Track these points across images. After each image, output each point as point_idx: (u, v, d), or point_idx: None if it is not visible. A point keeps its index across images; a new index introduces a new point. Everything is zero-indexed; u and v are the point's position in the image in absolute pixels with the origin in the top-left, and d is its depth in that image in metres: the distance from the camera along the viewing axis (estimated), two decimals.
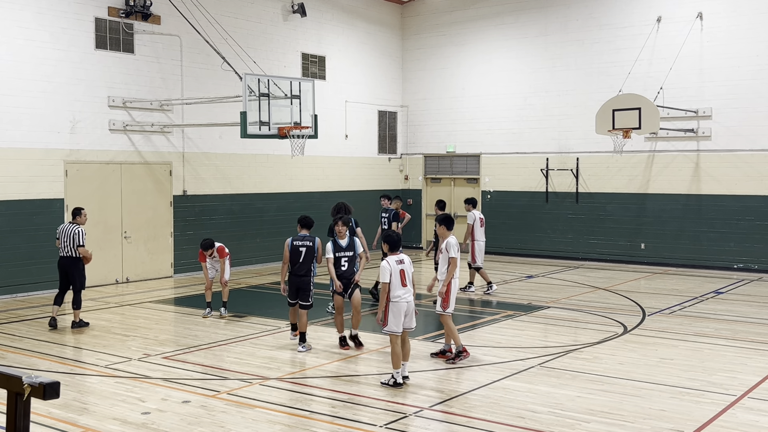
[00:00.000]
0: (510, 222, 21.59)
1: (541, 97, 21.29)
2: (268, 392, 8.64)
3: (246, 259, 18.96)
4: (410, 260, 9.15)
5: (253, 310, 13.50)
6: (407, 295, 8.93)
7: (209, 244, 12.89)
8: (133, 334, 11.73)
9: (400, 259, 8.97)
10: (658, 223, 19.57)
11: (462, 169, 22.98)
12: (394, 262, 8.90)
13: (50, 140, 15.32)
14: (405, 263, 8.99)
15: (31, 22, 14.97)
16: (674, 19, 19.08)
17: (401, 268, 8.91)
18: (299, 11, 20.13)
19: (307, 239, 10.82)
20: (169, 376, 9.33)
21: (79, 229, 12.14)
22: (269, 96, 14.73)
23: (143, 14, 16.58)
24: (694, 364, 9.88)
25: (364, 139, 22.71)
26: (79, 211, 12.37)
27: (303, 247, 10.72)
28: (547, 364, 9.86)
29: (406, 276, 8.92)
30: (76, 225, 12.19)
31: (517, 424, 7.52)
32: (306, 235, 10.89)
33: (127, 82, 16.58)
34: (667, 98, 18.57)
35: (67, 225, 12.27)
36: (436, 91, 23.26)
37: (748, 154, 18.30)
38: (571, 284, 16.67)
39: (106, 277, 16.37)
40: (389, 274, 8.79)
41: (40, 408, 7.64)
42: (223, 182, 18.75)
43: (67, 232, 12.12)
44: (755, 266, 18.20)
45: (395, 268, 8.86)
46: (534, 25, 21.40)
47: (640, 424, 7.50)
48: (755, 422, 7.62)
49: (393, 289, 8.82)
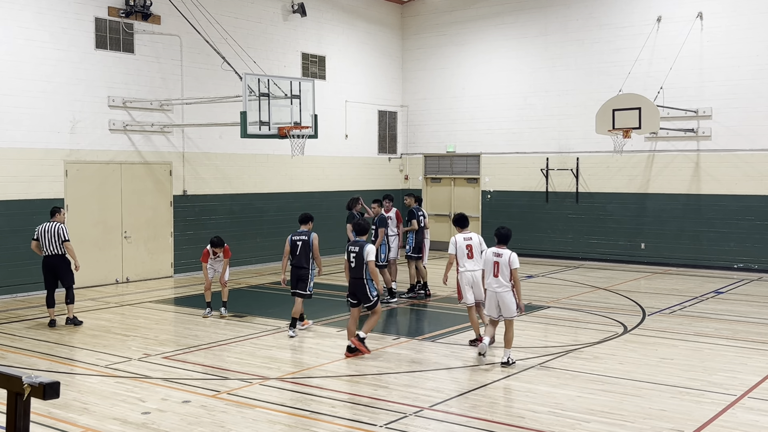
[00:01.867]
0: (510, 222, 21.49)
1: (541, 97, 21.29)
2: (268, 392, 8.64)
3: (246, 259, 18.96)
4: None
5: (253, 310, 13.50)
6: None
7: (221, 241, 12.92)
8: (133, 334, 11.73)
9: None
10: (658, 223, 19.58)
11: (462, 169, 22.98)
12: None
13: (50, 140, 15.32)
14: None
15: (31, 22, 14.97)
16: (674, 19, 19.08)
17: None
18: (299, 11, 20.13)
19: (303, 234, 11.68)
20: (169, 376, 9.33)
21: (62, 225, 12.29)
22: (269, 96, 14.73)
23: (143, 14, 16.58)
24: (694, 364, 9.88)
25: (364, 139, 22.71)
26: (57, 209, 12.57)
27: (299, 241, 11.61)
28: (547, 364, 9.85)
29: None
30: (57, 223, 12.30)
31: (517, 424, 7.52)
32: (303, 231, 11.76)
33: (127, 82, 16.58)
34: (667, 98, 18.57)
35: (47, 224, 12.31)
36: (436, 91, 23.26)
37: (748, 154, 18.30)
38: (571, 284, 16.67)
39: (106, 277, 16.37)
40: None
41: (40, 408, 7.64)
42: (223, 182, 18.75)
43: (50, 230, 12.20)
44: (755, 266, 18.20)
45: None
46: (534, 25, 21.40)
47: (640, 424, 7.50)
48: (755, 422, 7.62)
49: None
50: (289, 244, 11.62)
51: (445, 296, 15.20)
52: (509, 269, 9.62)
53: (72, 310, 12.32)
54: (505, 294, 9.67)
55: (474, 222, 22.55)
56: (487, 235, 15.99)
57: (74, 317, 12.35)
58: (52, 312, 12.31)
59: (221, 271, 12.99)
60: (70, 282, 12.35)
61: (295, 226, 12.08)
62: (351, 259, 10.40)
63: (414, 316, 13.95)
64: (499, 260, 9.66)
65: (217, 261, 13.05)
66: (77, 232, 15.67)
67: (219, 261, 13.04)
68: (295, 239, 11.63)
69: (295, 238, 11.63)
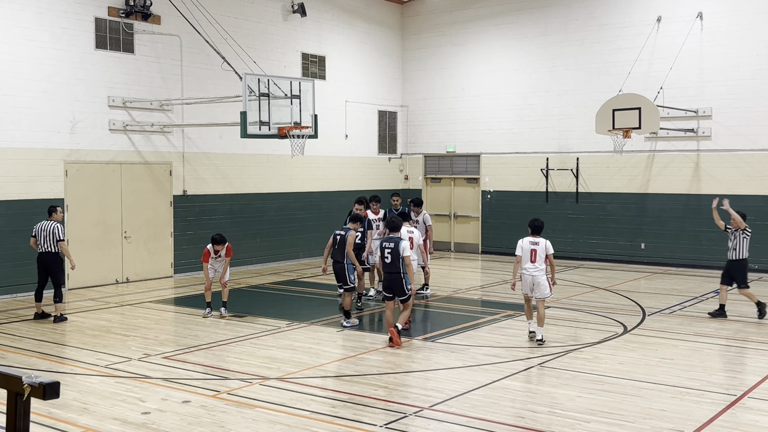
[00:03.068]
0: (510, 222, 21.57)
1: (541, 97, 21.29)
2: (268, 392, 8.64)
3: (246, 259, 18.95)
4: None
5: (253, 310, 13.50)
6: None
7: (222, 239, 12.94)
8: (133, 334, 11.73)
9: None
10: (658, 223, 19.57)
11: (462, 169, 22.98)
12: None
13: (50, 140, 15.32)
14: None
15: (31, 22, 14.97)
16: (674, 19, 19.08)
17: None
18: (299, 11, 20.13)
19: (344, 229, 12.43)
20: (169, 376, 9.33)
21: (57, 225, 12.63)
22: (269, 96, 14.73)
23: (143, 14, 16.58)
24: (694, 364, 9.89)
25: (364, 139, 22.71)
26: (54, 208, 12.87)
27: (338, 235, 12.37)
28: (547, 364, 9.86)
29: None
30: (54, 222, 12.64)
31: (517, 424, 7.52)
32: (347, 227, 12.53)
33: (127, 82, 16.58)
34: (667, 98, 18.57)
35: (44, 223, 12.66)
36: (436, 91, 23.26)
37: (748, 154, 18.30)
38: (571, 284, 16.67)
39: (106, 277, 16.37)
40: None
41: (40, 408, 7.64)
42: (223, 182, 18.75)
43: (46, 229, 12.56)
44: (755, 266, 18.18)
45: None
46: (534, 25, 21.39)
47: (640, 424, 7.50)
48: (755, 422, 7.62)
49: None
50: (332, 238, 12.50)
51: (445, 296, 15.21)
52: (545, 254, 11.03)
53: (59, 308, 12.57)
54: (540, 277, 11.00)
55: (474, 222, 22.59)
56: (489, 235, 16.11)
57: (61, 314, 12.63)
58: (38, 306, 12.72)
59: (223, 271, 12.99)
60: (59, 280, 12.69)
61: (295, 226, 12.18)
62: (386, 255, 10.99)
63: (414, 316, 13.94)
64: (536, 248, 11.02)
65: (218, 261, 13.03)
66: (77, 232, 15.69)
67: (220, 261, 13.03)
68: (336, 233, 12.44)
69: (337, 232, 12.43)
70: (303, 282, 16.95)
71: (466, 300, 14.77)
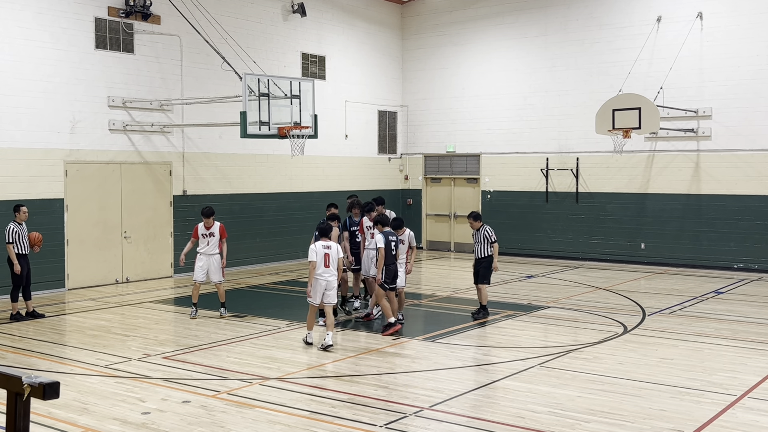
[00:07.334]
0: (510, 222, 21.58)
1: (541, 97, 21.29)
2: (268, 392, 8.64)
3: (246, 259, 18.95)
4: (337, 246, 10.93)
5: (253, 310, 13.50)
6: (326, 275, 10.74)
7: (211, 211, 12.85)
8: (133, 334, 11.73)
9: (327, 245, 10.78)
10: (658, 223, 19.58)
11: (462, 169, 22.98)
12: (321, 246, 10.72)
13: (50, 140, 15.32)
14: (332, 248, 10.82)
15: (31, 22, 14.97)
16: (674, 19, 19.08)
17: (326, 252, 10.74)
18: (299, 11, 20.13)
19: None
20: (169, 376, 9.33)
21: (10, 226, 12.51)
22: (269, 96, 14.73)
23: (143, 14, 16.58)
24: (694, 364, 9.88)
25: (364, 139, 22.71)
26: (17, 207, 12.73)
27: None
28: (547, 364, 9.85)
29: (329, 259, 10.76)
30: (12, 223, 12.55)
31: (517, 424, 7.52)
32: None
33: (127, 82, 16.58)
34: (667, 98, 18.57)
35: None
36: (436, 91, 23.26)
37: (748, 154, 18.30)
38: (571, 284, 16.67)
39: (106, 277, 16.37)
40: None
41: (40, 408, 7.64)
42: (223, 182, 18.75)
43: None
44: (755, 266, 18.20)
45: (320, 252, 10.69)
46: (534, 25, 21.40)
47: (640, 424, 7.50)
48: (755, 422, 7.62)
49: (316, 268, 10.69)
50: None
51: (445, 296, 15.21)
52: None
53: (30, 305, 12.81)
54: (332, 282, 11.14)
55: None
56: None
57: (33, 310, 12.84)
58: (14, 306, 12.71)
59: (220, 252, 12.75)
60: (13, 282, 12.61)
61: (295, 226, 12.16)
62: (392, 247, 11.74)
63: (414, 316, 13.93)
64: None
65: (210, 244, 12.76)
66: (77, 232, 15.70)
67: (213, 241, 12.77)
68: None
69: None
70: (303, 282, 16.93)
71: (466, 300, 14.76)
